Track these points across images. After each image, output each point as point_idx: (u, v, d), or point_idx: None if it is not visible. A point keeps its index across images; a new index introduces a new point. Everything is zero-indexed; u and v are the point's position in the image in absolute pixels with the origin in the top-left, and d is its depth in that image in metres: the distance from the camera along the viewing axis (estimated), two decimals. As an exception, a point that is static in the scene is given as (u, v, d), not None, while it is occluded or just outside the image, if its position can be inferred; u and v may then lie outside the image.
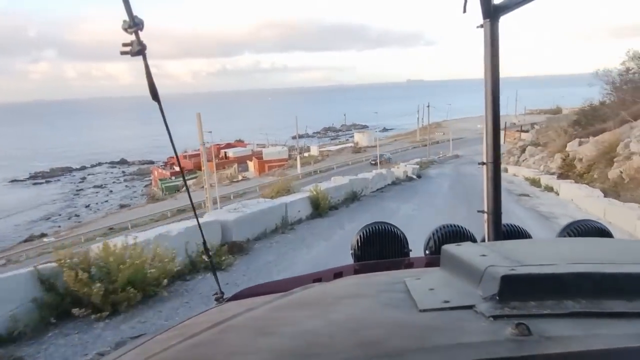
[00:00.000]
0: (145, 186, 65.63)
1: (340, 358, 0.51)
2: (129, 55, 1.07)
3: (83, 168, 77.75)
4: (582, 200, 14.59)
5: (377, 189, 18.52)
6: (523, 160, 32.71)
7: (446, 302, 0.62)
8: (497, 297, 0.59)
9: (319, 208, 12.65)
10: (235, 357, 0.57)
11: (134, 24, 1.05)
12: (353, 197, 15.27)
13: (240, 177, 58.94)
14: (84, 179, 69.95)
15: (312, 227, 11.62)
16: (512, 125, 59.25)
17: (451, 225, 1.67)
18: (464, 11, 1.70)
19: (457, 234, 1.64)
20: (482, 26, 1.72)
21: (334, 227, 11.48)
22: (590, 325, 0.53)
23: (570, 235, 1.44)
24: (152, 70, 1.12)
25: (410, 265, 1.55)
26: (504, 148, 46.33)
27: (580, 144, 25.01)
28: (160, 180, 61.02)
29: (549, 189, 19.52)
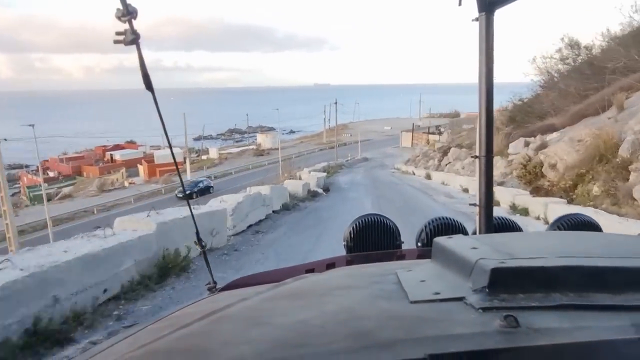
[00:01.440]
0: (13, 194, 52.54)
1: (332, 348, 0.49)
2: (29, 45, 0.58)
3: None
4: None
5: (250, 226, 8.91)
6: (446, 165, 25.17)
7: (437, 293, 0.60)
8: (487, 290, 0.56)
9: None
10: (227, 347, 0.54)
11: (128, 13, 0.95)
12: (164, 270, 5.48)
13: (127, 183, 48.37)
14: None
15: None
16: (417, 128, 54.59)
17: (443, 218, 1.61)
18: (460, 4, 1.58)
19: (448, 227, 1.57)
20: (477, 19, 1.62)
21: None
22: (577, 318, 0.51)
23: (560, 229, 1.40)
24: (36, 64, 0.55)
25: (402, 257, 1.49)
26: (417, 150, 39.89)
27: (527, 144, 18.23)
28: (29, 188, 50.84)
29: (523, 212, 11.59)
